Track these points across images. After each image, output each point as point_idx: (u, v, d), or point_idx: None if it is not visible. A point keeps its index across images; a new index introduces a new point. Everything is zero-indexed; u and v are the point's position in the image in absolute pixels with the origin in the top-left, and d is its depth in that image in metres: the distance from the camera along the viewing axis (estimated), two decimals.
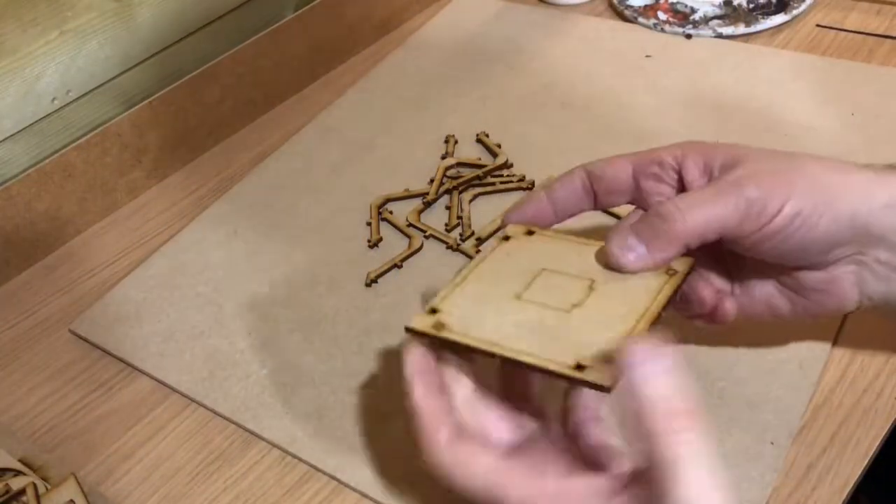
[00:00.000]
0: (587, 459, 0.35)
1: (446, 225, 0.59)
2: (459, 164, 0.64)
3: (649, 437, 0.30)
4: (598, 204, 0.43)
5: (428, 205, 0.61)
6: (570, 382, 0.34)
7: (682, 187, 0.41)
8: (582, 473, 0.33)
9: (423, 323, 0.37)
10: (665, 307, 0.36)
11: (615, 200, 0.42)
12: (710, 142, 0.41)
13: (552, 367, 0.33)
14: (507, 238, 0.42)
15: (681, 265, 0.38)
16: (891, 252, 0.39)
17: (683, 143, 0.41)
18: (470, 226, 0.59)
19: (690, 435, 0.30)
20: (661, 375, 0.30)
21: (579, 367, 0.33)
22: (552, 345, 0.34)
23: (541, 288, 0.38)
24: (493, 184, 0.62)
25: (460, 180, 0.62)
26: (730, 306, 0.42)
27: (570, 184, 0.42)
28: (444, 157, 0.65)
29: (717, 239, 0.38)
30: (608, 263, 0.38)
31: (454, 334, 0.36)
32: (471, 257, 0.56)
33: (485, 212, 0.60)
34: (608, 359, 0.33)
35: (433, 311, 0.38)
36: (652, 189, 0.41)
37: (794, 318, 0.43)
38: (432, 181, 0.63)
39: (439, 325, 0.37)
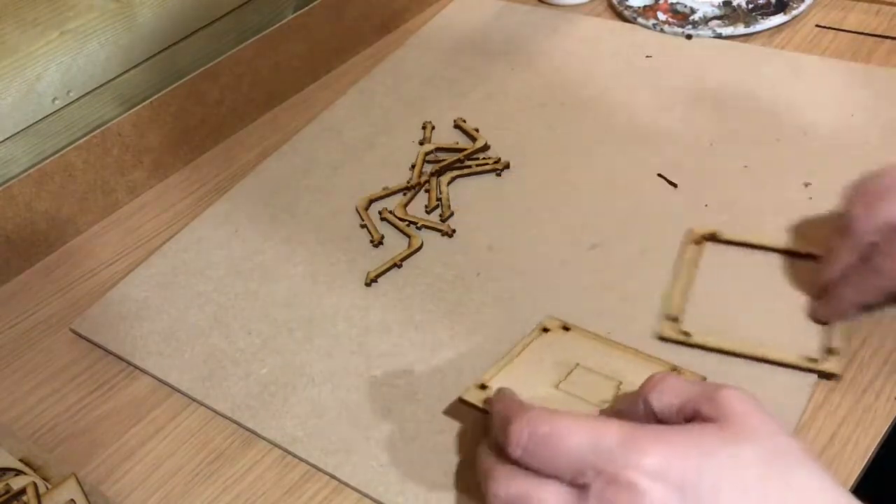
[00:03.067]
0: None
1: (426, 206, 0.61)
2: (438, 150, 0.66)
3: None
4: None
5: (413, 189, 0.62)
6: None
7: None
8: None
9: (475, 396, 0.44)
10: None
11: None
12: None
13: None
14: (545, 329, 0.48)
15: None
16: None
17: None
18: (449, 206, 0.60)
19: None
20: None
21: None
22: None
23: (575, 381, 0.44)
24: (469, 166, 0.63)
25: (442, 164, 0.63)
26: None
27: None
28: (422, 143, 0.67)
29: None
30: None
31: None
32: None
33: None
34: None
35: (483, 386, 0.44)
36: None
37: None
38: (413, 167, 0.64)
39: (488, 401, 0.42)
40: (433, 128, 0.68)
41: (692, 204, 0.58)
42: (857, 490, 0.43)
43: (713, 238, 0.55)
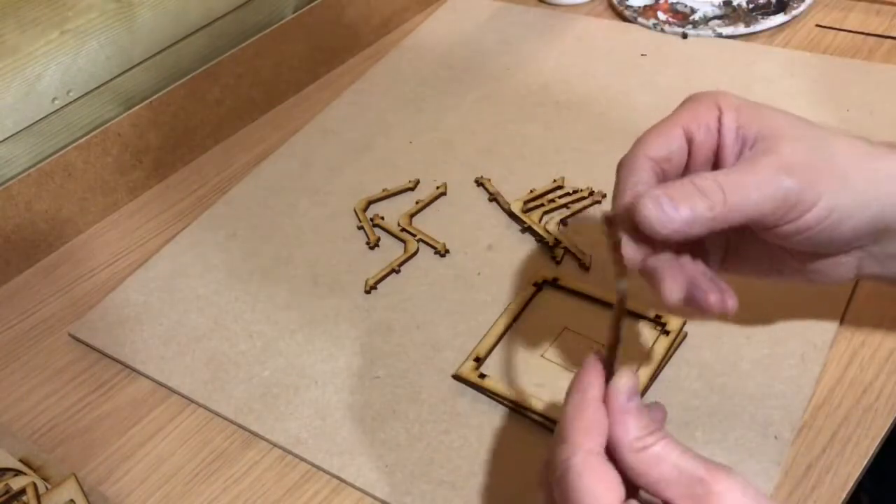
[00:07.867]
0: None
1: (539, 240, 0.57)
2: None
3: None
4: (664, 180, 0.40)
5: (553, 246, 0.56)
6: None
7: (718, 151, 0.39)
8: None
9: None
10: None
11: (676, 173, 0.39)
12: (740, 98, 0.38)
13: None
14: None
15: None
16: None
17: (718, 97, 0.38)
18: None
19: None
20: None
21: None
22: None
23: (560, 348, 0.48)
24: (565, 205, 0.59)
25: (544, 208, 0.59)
26: (732, 304, 0.38)
27: (643, 181, 0.38)
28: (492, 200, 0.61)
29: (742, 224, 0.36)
30: (637, 220, 0.35)
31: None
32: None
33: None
34: None
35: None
36: (697, 152, 0.39)
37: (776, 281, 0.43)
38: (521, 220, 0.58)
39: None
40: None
41: None
42: (858, 490, 0.43)
43: (552, 283, 0.52)
